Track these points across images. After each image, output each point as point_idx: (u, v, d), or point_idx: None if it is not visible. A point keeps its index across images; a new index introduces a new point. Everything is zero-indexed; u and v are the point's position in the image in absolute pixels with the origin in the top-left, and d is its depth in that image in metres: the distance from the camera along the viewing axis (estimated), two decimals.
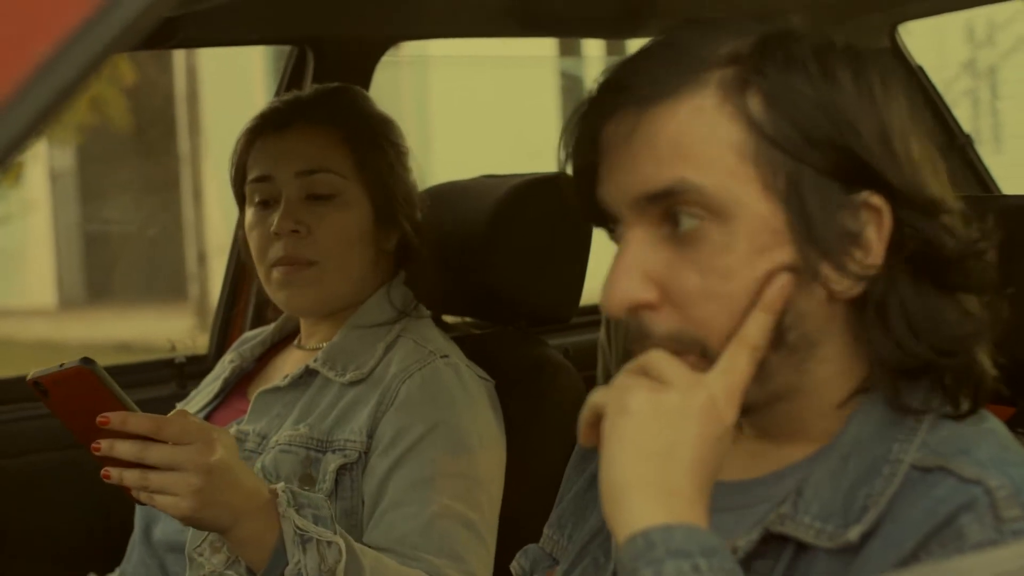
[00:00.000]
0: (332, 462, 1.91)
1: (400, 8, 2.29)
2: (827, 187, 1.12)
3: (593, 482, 1.35)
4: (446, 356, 2.00)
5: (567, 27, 2.75)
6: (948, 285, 1.13)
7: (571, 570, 1.30)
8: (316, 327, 2.11)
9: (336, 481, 1.91)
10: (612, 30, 2.68)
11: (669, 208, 1.13)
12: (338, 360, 2.01)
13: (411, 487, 1.89)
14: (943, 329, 1.13)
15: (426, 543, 1.85)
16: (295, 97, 2.12)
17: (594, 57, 10.61)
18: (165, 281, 12.87)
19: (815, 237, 1.12)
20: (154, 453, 1.60)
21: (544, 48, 10.97)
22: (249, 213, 2.08)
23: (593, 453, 1.38)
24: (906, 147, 1.13)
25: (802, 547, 1.12)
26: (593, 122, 1.18)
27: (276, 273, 2.02)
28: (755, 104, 1.12)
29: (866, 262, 1.12)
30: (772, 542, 1.13)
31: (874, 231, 1.12)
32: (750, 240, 1.12)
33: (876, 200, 1.12)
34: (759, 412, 1.19)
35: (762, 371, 1.14)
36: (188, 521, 1.65)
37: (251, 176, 2.07)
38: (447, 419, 1.93)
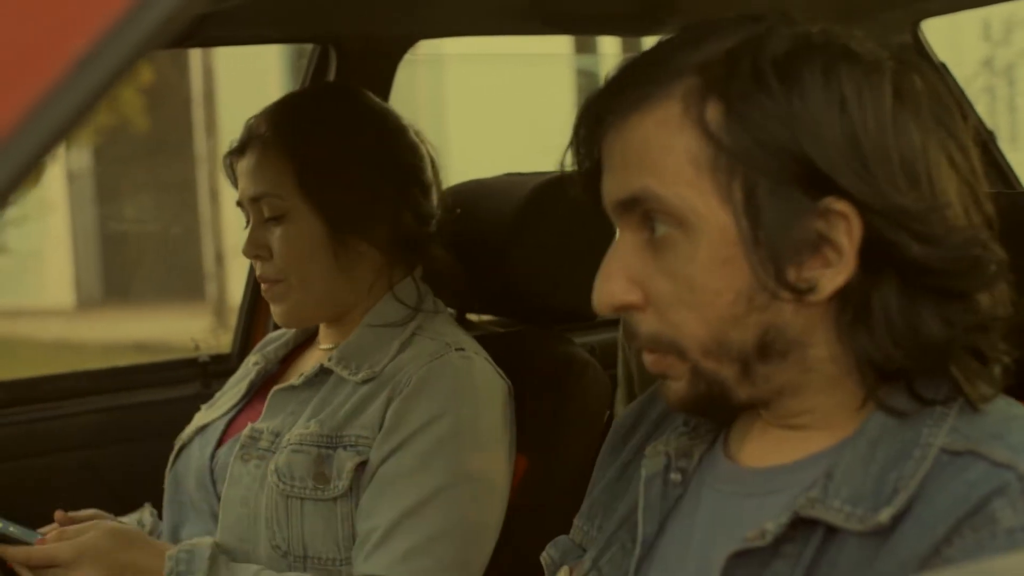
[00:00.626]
0: (348, 460, 1.91)
1: (422, 6, 2.28)
2: (787, 195, 1.12)
3: (623, 472, 1.37)
4: (461, 349, 1.99)
5: (586, 25, 2.74)
6: (932, 289, 1.13)
7: (600, 557, 1.32)
8: (329, 329, 2.12)
9: (352, 479, 1.91)
10: (630, 28, 2.67)
11: (645, 214, 1.17)
12: (352, 358, 2.01)
13: (395, 479, 1.90)
14: (918, 334, 1.13)
15: (387, 540, 1.87)
16: (252, 119, 2.09)
17: (610, 55, 10.60)
18: (182, 281, 12.88)
19: (772, 246, 1.13)
20: None
21: (560, 46, 10.97)
22: None
23: (623, 444, 1.39)
24: (882, 149, 1.12)
25: (831, 531, 1.12)
26: (590, 129, 1.22)
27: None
28: (713, 114, 1.14)
29: (839, 265, 1.13)
30: (801, 526, 1.13)
31: (844, 235, 1.12)
32: (711, 251, 1.14)
33: (840, 206, 1.11)
34: (768, 407, 1.21)
35: (754, 376, 1.17)
36: None
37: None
38: (447, 413, 1.92)
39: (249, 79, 11.09)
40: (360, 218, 2.01)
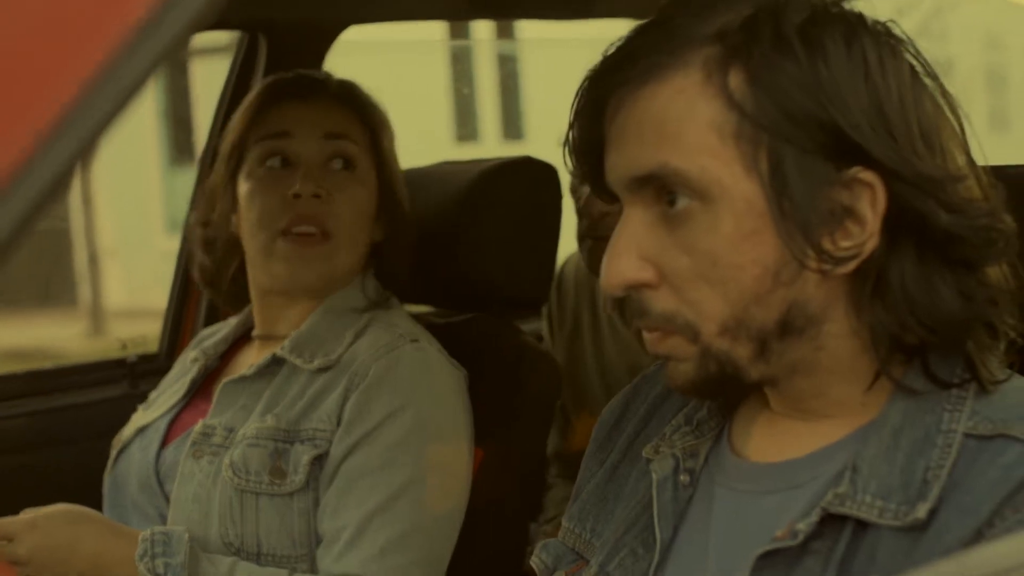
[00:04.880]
0: (304, 453, 1.87)
1: None
2: (813, 165, 1.10)
3: (613, 473, 1.33)
4: (416, 341, 1.96)
5: (521, 9, 2.71)
6: (949, 260, 1.11)
7: (607, 563, 1.26)
8: (284, 312, 2.04)
9: (309, 473, 1.87)
10: (560, 11, 2.64)
11: (662, 188, 1.12)
12: (306, 347, 1.96)
13: (361, 475, 1.86)
14: (938, 307, 1.11)
15: (359, 539, 1.84)
16: (305, 75, 2.09)
17: (484, 40, 10.53)
18: (54, 285, 12.62)
19: (799, 217, 1.10)
20: None
21: (433, 31, 10.88)
22: (251, 180, 2.01)
23: (609, 443, 1.35)
24: (904, 118, 1.10)
25: (862, 524, 1.09)
26: (595, 100, 1.17)
27: (282, 244, 1.96)
28: (736, 82, 1.11)
29: (862, 237, 1.10)
30: (830, 522, 1.10)
31: (868, 206, 1.10)
32: (736, 223, 1.11)
33: (867, 175, 1.10)
34: (778, 386, 1.18)
35: (768, 353, 1.13)
36: None
37: (265, 132, 2.00)
38: (408, 406, 1.89)
39: None
40: (394, 198, 2.06)
